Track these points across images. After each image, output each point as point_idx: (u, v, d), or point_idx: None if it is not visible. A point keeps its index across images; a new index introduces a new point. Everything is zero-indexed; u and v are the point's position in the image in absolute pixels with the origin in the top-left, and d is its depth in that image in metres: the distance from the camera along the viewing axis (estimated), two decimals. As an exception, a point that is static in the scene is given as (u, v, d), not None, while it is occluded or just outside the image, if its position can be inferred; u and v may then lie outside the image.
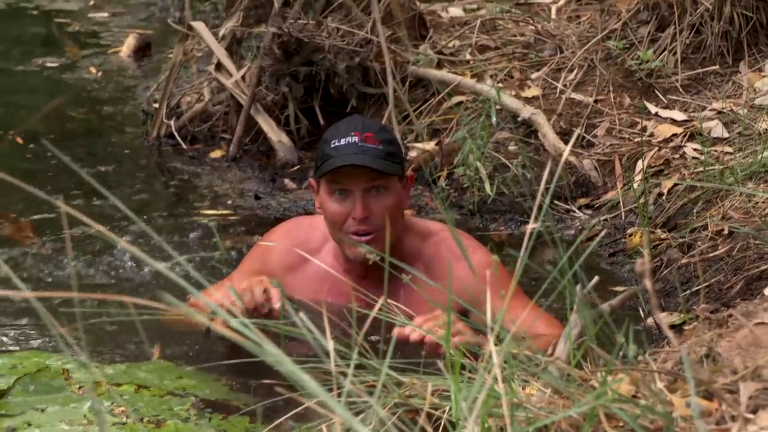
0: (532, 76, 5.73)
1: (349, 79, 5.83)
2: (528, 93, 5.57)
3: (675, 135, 5.10)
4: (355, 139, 3.42)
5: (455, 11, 6.63)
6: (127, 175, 5.76)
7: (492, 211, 5.12)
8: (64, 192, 5.24)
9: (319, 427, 2.18)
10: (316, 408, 1.88)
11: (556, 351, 2.27)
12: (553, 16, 6.29)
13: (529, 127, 5.34)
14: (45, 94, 7.19)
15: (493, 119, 5.29)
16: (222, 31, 6.16)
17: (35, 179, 5.43)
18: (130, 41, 8.09)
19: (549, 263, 4.18)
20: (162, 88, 6.24)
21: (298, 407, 2.20)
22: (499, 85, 5.52)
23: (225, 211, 5.10)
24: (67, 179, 5.43)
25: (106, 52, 8.13)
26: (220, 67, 6.06)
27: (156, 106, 6.28)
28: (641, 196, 4.62)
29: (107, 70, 7.66)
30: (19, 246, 4.61)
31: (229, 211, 5.11)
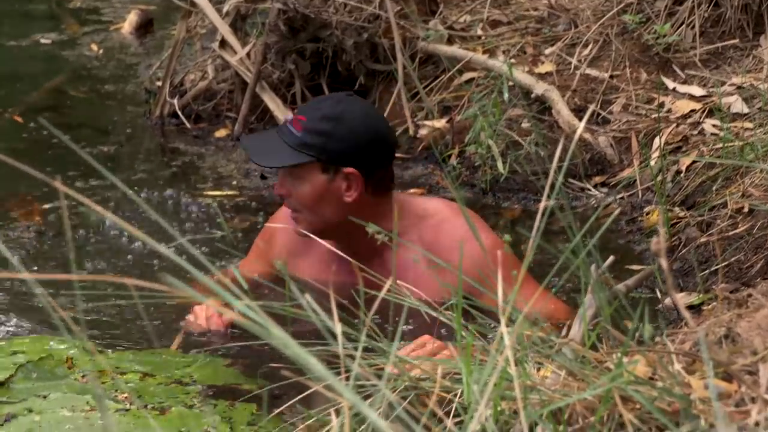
0: (546, 51, 5.71)
1: (357, 56, 5.81)
2: (541, 69, 5.55)
3: (693, 111, 5.08)
4: (288, 118, 3.60)
5: (466, -15, 6.61)
6: (129, 156, 5.77)
7: (504, 190, 5.11)
8: (63, 172, 5.25)
9: (327, 412, 2.18)
10: (324, 392, 1.88)
11: (570, 332, 2.27)
12: (567, -11, 6.27)
13: (542, 104, 5.32)
14: (45, 72, 7.19)
15: (506, 96, 5.28)
16: (226, 7, 6.15)
17: (35, 159, 5.44)
18: (132, 17, 8.07)
19: (563, 242, 4.19)
20: (165, 66, 6.24)
21: (305, 391, 2.21)
22: (512, 60, 5.51)
23: (230, 191, 5.10)
24: (67, 159, 5.44)
25: (107, 29, 8.12)
26: (224, 44, 6.05)
27: (159, 84, 6.27)
28: (658, 174, 4.61)
29: (108, 48, 7.65)
30: (22, 227, 4.63)
31: (234, 191, 5.11)
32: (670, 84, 5.29)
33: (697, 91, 5.21)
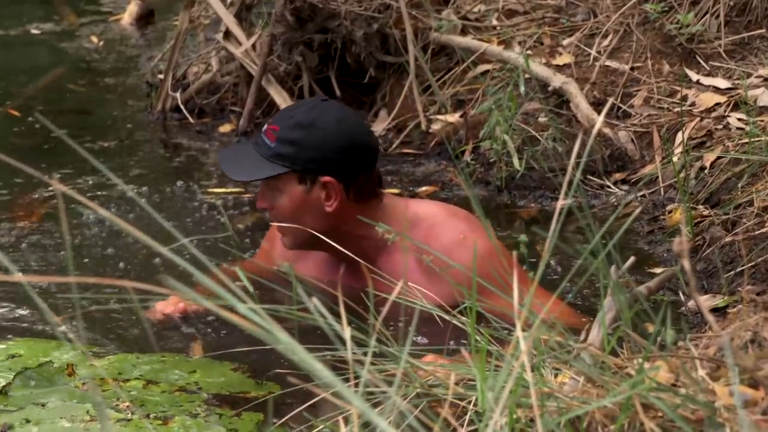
0: (564, 42, 5.71)
1: (367, 47, 5.82)
2: (559, 60, 5.55)
3: (718, 104, 5.08)
4: (263, 129, 3.59)
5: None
6: (129, 152, 5.77)
7: (521, 187, 5.11)
8: (61, 168, 5.26)
9: (335, 420, 2.18)
10: (332, 399, 1.88)
11: (589, 337, 2.27)
12: (585, -23, 6.26)
13: (560, 97, 5.32)
14: (43, 65, 7.21)
15: (522, 89, 5.27)
16: (230, -3, 6.16)
17: (32, 154, 5.45)
18: (132, 8, 8.10)
19: (581, 243, 4.18)
20: (167, 58, 6.24)
21: (313, 399, 2.21)
22: (528, 52, 5.50)
23: (234, 189, 5.10)
24: (66, 155, 5.44)
25: (106, 20, 8.14)
26: (228, 35, 6.05)
27: (161, 77, 6.28)
28: (681, 171, 4.60)
29: (108, 39, 7.67)
30: (18, 227, 4.63)
31: (238, 189, 5.11)
32: (694, 76, 5.29)
33: (721, 83, 5.20)
